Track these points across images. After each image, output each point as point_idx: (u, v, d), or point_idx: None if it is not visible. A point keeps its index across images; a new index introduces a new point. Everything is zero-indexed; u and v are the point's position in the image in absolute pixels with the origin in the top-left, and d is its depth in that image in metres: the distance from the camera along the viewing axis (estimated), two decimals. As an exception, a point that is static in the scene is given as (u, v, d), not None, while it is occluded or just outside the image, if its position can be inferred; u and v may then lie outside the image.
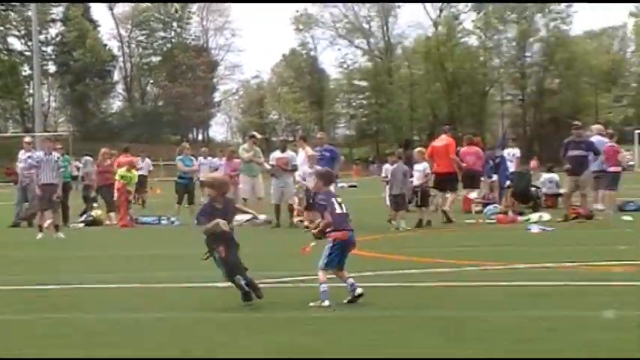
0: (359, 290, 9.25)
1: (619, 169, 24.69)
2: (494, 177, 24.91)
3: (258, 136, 25.67)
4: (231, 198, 9.17)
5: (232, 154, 25.44)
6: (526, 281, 10.89)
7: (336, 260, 9.38)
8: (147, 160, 33.77)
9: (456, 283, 11.01)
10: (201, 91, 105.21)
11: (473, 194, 24.64)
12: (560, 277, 11.30)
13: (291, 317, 8.68)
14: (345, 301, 9.24)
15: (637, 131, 74.02)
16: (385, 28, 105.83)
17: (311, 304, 9.16)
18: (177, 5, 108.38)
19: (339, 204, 9.62)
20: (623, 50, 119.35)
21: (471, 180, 23.73)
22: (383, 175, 22.52)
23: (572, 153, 21.45)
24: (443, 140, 23.03)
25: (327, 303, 9.05)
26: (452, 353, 7.05)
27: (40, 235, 19.39)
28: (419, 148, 23.18)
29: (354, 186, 52.07)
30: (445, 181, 22.34)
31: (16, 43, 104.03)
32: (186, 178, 24.50)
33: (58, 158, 20.36)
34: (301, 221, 21.16)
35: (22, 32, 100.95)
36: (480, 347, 7.17)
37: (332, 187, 21.36)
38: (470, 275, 11.75)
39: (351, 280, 9.37)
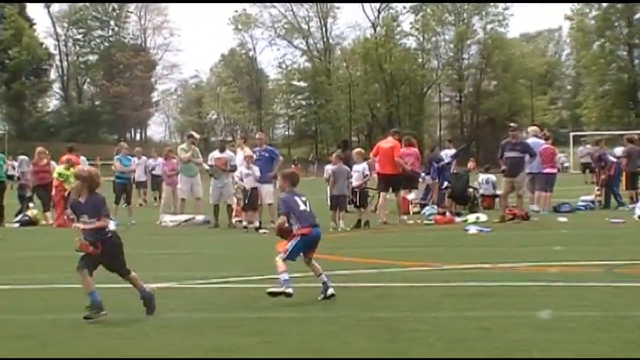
0: (330, 291, 9.70)
1: (554, 170, 25.11)
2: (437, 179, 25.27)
3: (197, 135, 25.57)
4: (99, 195, 8.86)
5: (170, 153, 25.32)
6: (463, 282, 11.00)
7: (297, 252, 9.86)
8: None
9: (395, 283, 11.07)
10: (139, 91, 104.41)
11: (411, 195, 24.86)
12: (497, 277, 11.45)
13: (233, 318, 8.66)
14: (319, 298, 9.67)
15: (572, 133, 75.31)
16: (324, 28, 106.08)
17: (270, 289, 9.49)
18: (114, 4, 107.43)
19: (304, 202, 10.12)
20: (559, 53, 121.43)
21: (409, 181, 23.86)
22: (325, 175, 22.56)
23: (508, 154, 21.69)
24: (389, 142, 23.07)
25: (290, 290, 9.41)
26: (389, 353, 7.12)
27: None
28: (358, 149, 23.27)
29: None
30: (389, 182, 22.47)
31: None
32: (124, 177, 24.29)
33: (-6, 158, 20.08)
34: (240, 221, 21.13)
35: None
36: (416, 348, 7.24)
37: (271, 188, 21.59)
38: (408, 276, 11.84)
39: (323, 278, 9.84)
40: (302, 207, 10.04)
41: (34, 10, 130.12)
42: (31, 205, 24.76)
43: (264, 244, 16.86)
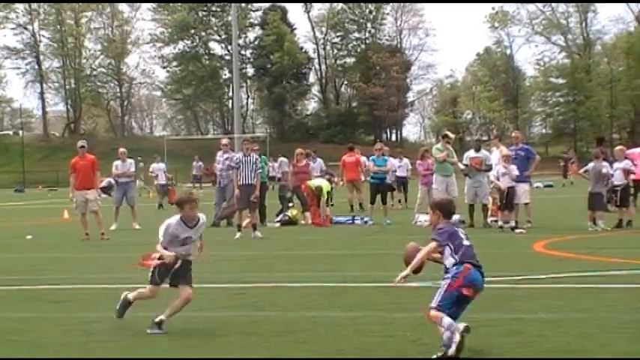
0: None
1: None
2: None
3: (451, 135, 25.44)
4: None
5: (426, 153, 25.36)
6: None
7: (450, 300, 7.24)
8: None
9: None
10: (395, 92, 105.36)
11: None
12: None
13: (488, 318, 8.53)
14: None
15: None
16: (584, 23, 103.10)
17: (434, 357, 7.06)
18: (371, 6, 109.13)
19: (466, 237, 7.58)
20: None
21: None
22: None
23: None
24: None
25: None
26: None
27: (238, 235, 19.95)
28: (620, 147, 22.50)
29: (550, 185, 50.92)
30: None
31: (216, 48, 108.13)
32: (378, 178, 24.47)
33: (257, 159, 20.83)
34: (495, 221, 20.90)
35: (222, 37, 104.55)
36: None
37: (527, 187, 21.23)
38: None
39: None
40: (466, 242, 7.45)
41: (294, 16, 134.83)
42: (290, 205, 25.56)
43: (520, 243, 16.62)
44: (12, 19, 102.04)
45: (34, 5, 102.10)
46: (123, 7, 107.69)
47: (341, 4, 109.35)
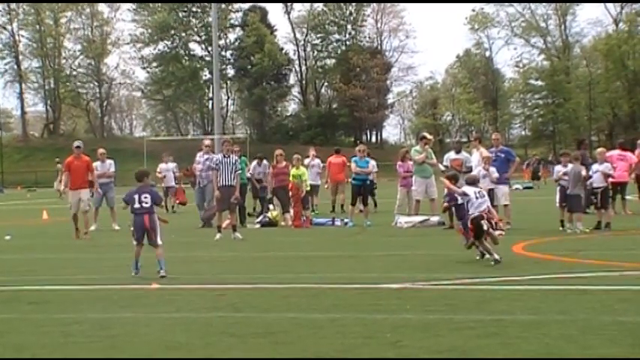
0: None
1: None
2: None
3: (429, 136, 25.56)
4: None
5: (406, 155, 25.39)
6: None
7: None
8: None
9: (638, 287, 10.62)
10: (375, 93, 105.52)
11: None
12: None
13: (469, 319, 8.56)
14: None
15: None
16: (563, 26, 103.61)
17: None
18: (352, 7, 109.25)
19: None
20: None
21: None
22: (554, 176, 21.96)
23: None
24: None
25: None
26: None
27: (218, 236, 19.89)
28: (600, 149, 22.62)
29: (530, 187, 51.14)
30: None
31: (196, 49, 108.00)
32: (360, 179, 24.48)
33: (237, 160, 20.80)
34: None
35: (203, 38, 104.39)
36: None
37: (506, 189, 21.34)
38: None
39: None
40: None
41: (275, 17, 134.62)
42: (270, 206, 25.54)
43: (499, 245, 16.63)
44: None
45: (13, 5, 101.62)
46: (102, 7, 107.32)
47: (321, 6, 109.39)
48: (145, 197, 13.14)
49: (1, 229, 23.42)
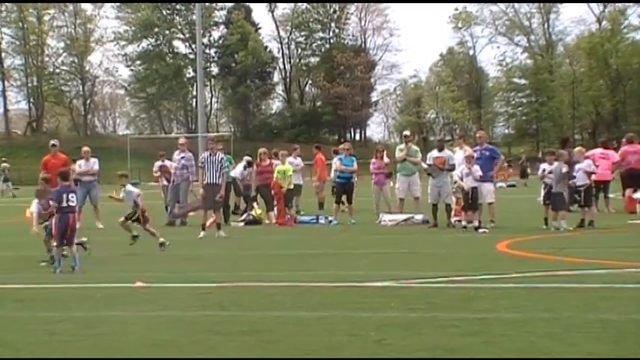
0: None
1: None
2: None
3: (408, 133, 25.81)
4: None
5: (381, 152, 25.45)
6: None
7: None
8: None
9: (623, 285, 10.67)
10: (359, 91, 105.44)
11: (637, 194, 23.95)
12: None
13: (453, 317, 8.60)
14: None
15: None
16: (546, 25, 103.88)
17: None
18: (335, 6, 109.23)
19: None
20: None
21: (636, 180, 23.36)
22: (539, 173, 22.07)
23: None
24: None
25: None
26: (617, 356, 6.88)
27: (202, 234, 19.88)
28: (579, 148, 22.77)
29: (513, 185, 51.36)
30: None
31: (180, 47, 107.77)
32: (344, 177, 24.52)
33: (222, 159, 20.79)
34: (459, 221, 20.99)
35: (187, 35, 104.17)
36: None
37: (491, 187, 21.45)
38: (636, 277, 11.36)
39: None
40: None
41: (259, 15, 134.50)
42: (255, 204, 25.52)
43: (483, 243, 16.72)
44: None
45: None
46: (86, 5, 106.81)
47: (305, 4, 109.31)
48: (72, 197, 13.71)
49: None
